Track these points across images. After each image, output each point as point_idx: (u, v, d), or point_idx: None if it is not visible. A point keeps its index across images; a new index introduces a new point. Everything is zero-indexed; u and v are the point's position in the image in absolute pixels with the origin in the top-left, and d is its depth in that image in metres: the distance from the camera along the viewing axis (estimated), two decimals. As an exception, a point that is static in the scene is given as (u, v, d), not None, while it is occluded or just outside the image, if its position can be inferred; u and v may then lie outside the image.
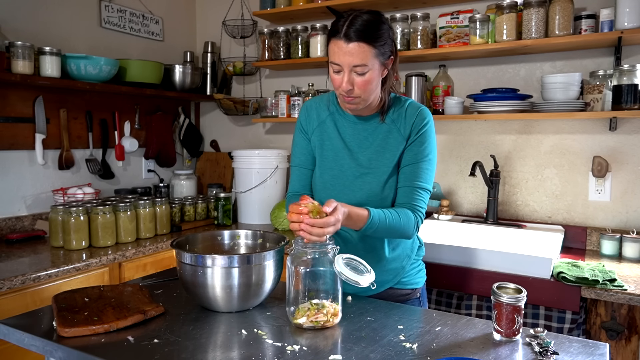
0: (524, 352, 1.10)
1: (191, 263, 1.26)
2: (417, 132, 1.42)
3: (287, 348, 1.09)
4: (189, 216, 2.68)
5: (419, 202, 1.41)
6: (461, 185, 2.57)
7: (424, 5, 2.55)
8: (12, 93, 2.29)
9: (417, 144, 1.42)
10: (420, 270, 1.58)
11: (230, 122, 3.27)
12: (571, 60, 2.30)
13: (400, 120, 1.44)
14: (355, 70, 1.31)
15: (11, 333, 1.19)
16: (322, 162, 1.50)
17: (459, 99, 2.37)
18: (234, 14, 3.03)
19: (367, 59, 1.30)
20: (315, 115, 1.53)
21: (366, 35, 1.29)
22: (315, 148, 1.52)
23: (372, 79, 1.33)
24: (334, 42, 1.32)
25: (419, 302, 1.56)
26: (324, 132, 1.50)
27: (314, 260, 1.22)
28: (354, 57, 1.29)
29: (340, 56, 1.31)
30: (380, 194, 1.43)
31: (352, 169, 1.46)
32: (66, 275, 1.87)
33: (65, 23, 2.54)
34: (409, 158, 1.43)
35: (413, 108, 1.45)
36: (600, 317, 1.72)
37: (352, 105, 1.39)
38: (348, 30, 1.29)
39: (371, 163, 1.44)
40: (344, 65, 1.32)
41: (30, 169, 2.40)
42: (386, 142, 1.44)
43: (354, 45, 1.29)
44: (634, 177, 2.19)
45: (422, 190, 1.41)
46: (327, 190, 1.49)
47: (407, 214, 1.38)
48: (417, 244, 1.56)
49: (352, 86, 1.34)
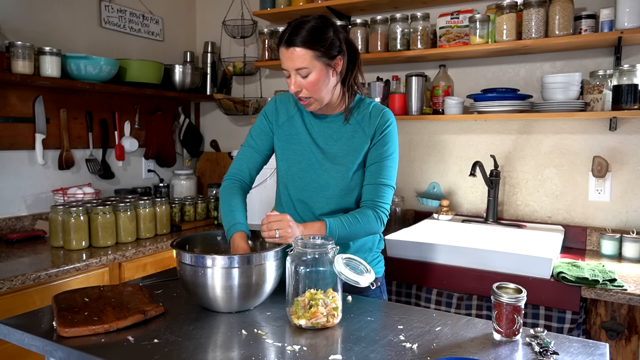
0: (524, 352, 1.10)
1: (191, 263, 1.26)
2: (381, 133, 1.50)
3: (287, 348, 1.09)
4: (189, 216, 2.68)
5: (382, 199, 1.49)
6: (461, 185, 2.57)
7: (424, 5, 2.55)
8: (12, 93, 2.29)
9: (380, 144, 1.50)
10: (380, 261, 1.65)
11: (230, 122, 3.27)
12: (571, 60, 2.30)
13: (365, 121, 1.52)
14: (299, 72, 1.41)
15: (11, 333, 1.19)
16: (290, 155, 1.55)
17: (459, 99, 2.37)
18: (234, 14, 3.03)
19: (306, 62, 1.39)
20: (284, 111, 1.59)
21: (304, 39, 1.38)
22: (281, 141, 1.57)
23: (317, 80, 1.41)
24: (281, 50, 1.43)
25: (380, 290, 1.63)
26: (292, 126, 1.56)
27: (314, 260, 1.22)
28: (294, 61, 1.40)
29: (284, 61, 1.43)
30: (346, 187, 1.51)
31: (319, 162, 1.52)
32: (66, 275, 1.87)
33: (65, 23, 2.54)
34: (374, 157, 1.51)
35: (377, 110, 1.53)
36: (600, 317, 1.72)
37: (308, 106, 1.48)
38: (288, 37, 1.40)
39: (337, 157, 1.51)
40: (289, 70, 1.42)
41: (30, 169, 2.40)
42: (351, 141, 1.51)
43: (292, 50, 1.39)
44: (634, 177, 2.19)
45: (385, 187, 1.50)
46: (295, 182, 1.54)
47: (365, 214, 1.46)
48: (377, 238, 1.63)
49: (299, 88, 1.43)
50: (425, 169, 2.65)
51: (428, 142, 2.63)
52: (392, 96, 2.52)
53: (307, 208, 1.54)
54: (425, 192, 2.65)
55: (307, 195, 1.53)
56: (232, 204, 1.50)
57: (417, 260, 1.98)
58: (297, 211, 1.56)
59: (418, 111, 2.46)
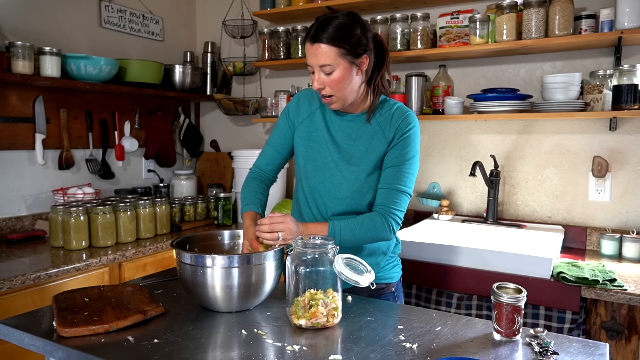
0: (524, 352, 1.10)
1: (191, 263, 1.26)
2: (401, 136, 1.45)
3: (287, 348, 1.09)
4: (189, 216, 2.68)
5: (395, 205, 1.43)
6: (461, 185, 2.57)
7: (424, 5, 2.55)
8: (12, 93, 2.29)
9: (399, 147, 1.45)
10: (396, 266, 1.60)
11: (230, 122, 3.27)
12: (571, 60, 2.30)
13: (386, 123, 1.47)
14: (323, 69, 1.38)
15: (11, 333, 1.19)
16: (307, 152, 1.53)
17: (459, 99, 2.37)
18: (234, 14, 3.03)
19: (331, 59, 1.36)
20: (306, 106, 1.57)
21: (329, 36, 1.35)
22: (301, 138, 1.55)
23: (341, 78, 1.38)
24: (306, 46, 1.41)
25: (394, 296, 1.58)
26: (312, 123, 1.54)
27: (314, 260, 1.22)
28: (319, 58, 1.37)
29: (309, 57, 1.40)
30: (360, 189, 1.47)
31: (335, 161, 1.49)
32: (66, 275, 1.87)
33: (65, 23, 2.54)
34: (391, 160, 1.45)
35: (400, 112, 1.48)
36: (600, 317, 1.72)
37: (330, 104, 1.44)
38: (314, 33, 1.37)
39: (354, 157, 1.47)
40: (313, 66, 1.40)
41: (30, 169, 2.40)
42: (370, 142, 1.47)
43: (317, 46, 1.36)
44: (634, 177, 2.19)
45: (400, 193, 1.44)
46: (309, 180, 1.52)
47: (373, 220, 1.41)
48: (393, 242, 1.58)
49: (323, 86, 1.40)
50: (425, 169, 2.65)
51: (428, 142, 2.63)
52: (392, 96, 2.50)
53: (319, 207, 1.52)
54: (425, 192, 2.65)
55: (320, 194, 1.51)
56: (249, 187, 1.57)
57: (417, 260, 1.98)
58: (310, 209, 1.54)
59: (418, 111, 2.46)
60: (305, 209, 1.56)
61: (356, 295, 1.44)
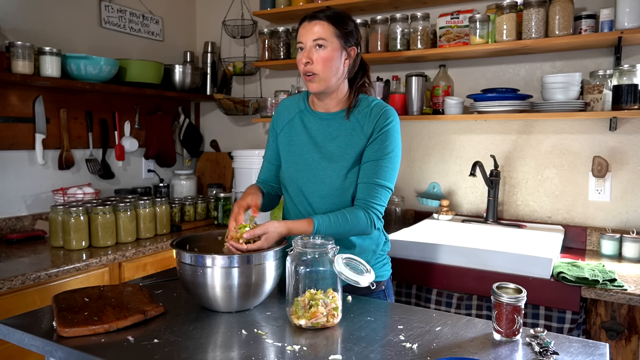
0: (524, 352, 1.10)
1: (191, 263, 1.26)
2: (380, 130, 1.46)
3: (287, 348, 1.09)
4: (189, 216, 2.68)
5: (376, 199, 1.45)
6: (461, 185, 2.57)
7: (424, 5, 2.55)
8: (12, 93, 2.29)
9: (378, 142, 1.46)
10: (386, 264, 1.61)
11: (230, 122, 3.27)
12: (571, 60, 2.30)
13: (365, 118, 1.49)
14: (317, 42, 1.42)
15: (11, 333, 1.19)
16: (289, 156, 1.56)
17: (459, 99, 2.37)
18: (234, 14, 3.03)
19: (327, 34, 1.42)
20: (285, 114, 1.61)
21: (328, 15, 1.44)
22: (283, 145, 1.59)
23: (330, 57, 1.43)
24: (302, 25, 1.46)
25: (384, 294, 1.59)
26: (292, 128, 1.58)
27: (314, 260, 1.22)
28: (315, 33, 1.43)
29: (303, 35, 1.45)
30: (341, 185, 1.48)
31: (315, 161, 1.51)
32: (66, 275, 1.87)
33: (65, 23, 2.54)
34: (370, 155, 1.47)
35: (378, 107, 1.50)
36: (600, 317, 1.72)
37: (312, 83, 1.46)
38: (314, 13, 1.45)
39: (334, 155, 1.49)
40: (306, 42, 1.44)
41: (30, 169, 2.40)
42: (349, 139, 1.49)
43: (315, 22, 1.43)
44: (634, 177, 2.19)
45: (380, 187, 1.45)
46: (293, 183, 1.55)
47: (356, 214, 1.42)
48: (382, 240, 1.59)
49: (310, 60, 1.43)
50: (425, 169, 2.65)
51: (428, 142, 2.63)
52: (392, 96, 2.52)
53: (305, 207, 1.54)
54: (425, 192, 2.65)
55: (305, 195, 1.53)
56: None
57: (417, 260, 1.98)
58: (299, 210, 1.56)
59: (418, 111, 2.46)
60: (294, 211, 1.57)
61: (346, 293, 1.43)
